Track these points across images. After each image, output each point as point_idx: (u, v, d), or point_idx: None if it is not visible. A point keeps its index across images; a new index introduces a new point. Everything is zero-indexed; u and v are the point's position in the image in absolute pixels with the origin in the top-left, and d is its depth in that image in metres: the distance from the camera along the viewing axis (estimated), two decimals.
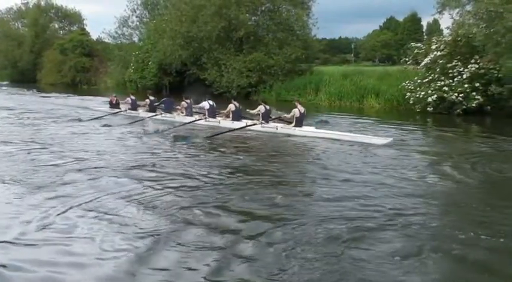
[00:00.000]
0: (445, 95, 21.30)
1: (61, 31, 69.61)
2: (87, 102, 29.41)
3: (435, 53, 22.49)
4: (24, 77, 65.71)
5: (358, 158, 11.65)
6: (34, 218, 6.97)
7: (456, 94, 20.97)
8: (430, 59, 22.71)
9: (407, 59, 25.85)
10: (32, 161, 10.99)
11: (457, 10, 21.90)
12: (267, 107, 16.59)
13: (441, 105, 21.76)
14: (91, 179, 9.25)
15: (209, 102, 18.27)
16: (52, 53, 61.02)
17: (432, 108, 21.90)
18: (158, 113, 20.11)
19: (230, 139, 14.93)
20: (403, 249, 5.89)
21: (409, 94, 23.37)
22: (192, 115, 18.59)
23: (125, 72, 43.80)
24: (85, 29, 67.26)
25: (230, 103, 17.69)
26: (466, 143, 14.44)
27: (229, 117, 17.43)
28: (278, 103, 26.83)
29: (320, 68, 39.01)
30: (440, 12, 22.85)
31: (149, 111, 20.73)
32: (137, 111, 21.43)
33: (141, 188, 8.57)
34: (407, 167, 10.56)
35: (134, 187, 8.65)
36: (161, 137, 15.09)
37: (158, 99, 22.30)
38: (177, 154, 12.30)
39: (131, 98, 22.11)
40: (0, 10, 75.69)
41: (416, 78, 23.61)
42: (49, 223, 6.80)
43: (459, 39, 21.96)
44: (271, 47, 33.39)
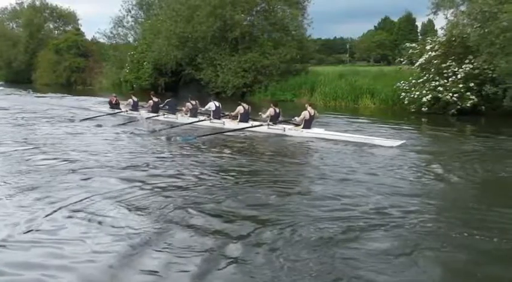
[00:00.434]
0: (440, 95, 21.34)
1: (56, 31, 69.25)
2: (82, 102, 29.30)
3: (430, 53, 22.51)
4: (18, 78, 65.49)
5: (367, 160, 11.47)
6: (22, 220, 6.88)
7: (451, 94, 21.02)
8: (425, 59, 22.72)
9: (402, 59, 25.96)
10: (23, 162, 10.91)
11: (451, 10, 21.97)
12: (277, 110, 16.14)
13: (436, 105, 21.80)
14: (82, 180, 9.17)
15: (215, 103, 17.84)
16: (47, 53, 60.83)
17: (427, 108, 21.91)
18: (161, 114, 19.71)
19: (233, 140, 14.80)
20: (396, 248, 5.88)
21: (404, 94, 23.38)
22: (197, 116, 18.27)
23: (120, 72, 43.75)
24: (80, 29, 66.97)
25: (239, 105, 17.21)
26: (461, 143, 14.42)
27: (236, 119, 17.01)
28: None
29: (315, 68, 39.06)
30: (434, 12, 22.91)
31: (151, 112, 20.22)
32: (138, 112, 20.98)
33: (133, 189, 8.49)
34: (413, 168, 10.59)
35: (125, 188, 8.57)
36: (157, 137, 15.02)
37: (162, 100, 21.48)
38: (172, 154, 12.22)
39: (133, 100, 21.74)
40: None
41: (411, 78, 23.64)
42: (37, 225, 6.71)
43: (453, 39, 22.00)
44: (266, 47, 33.38)
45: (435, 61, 22.17)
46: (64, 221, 6.88)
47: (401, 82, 23.96)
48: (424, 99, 21.80)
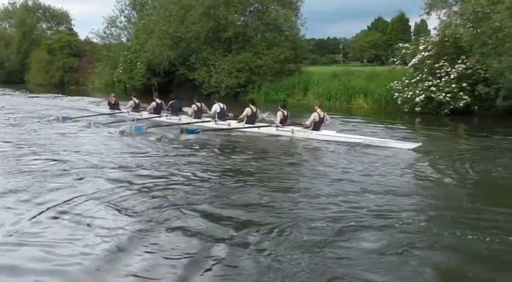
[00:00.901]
0: (433, 95, 21.39)
1: (49, 31, 69.20)
2: (77, 102, 29.24)
3: (423, 54, 22.56)
4: (11, 78, 65.31)
5: (377, 162, 11.11)
6: (7, 222, 6.79)
7: (444, 94, 21.07)
8: (418, 59, 22.77)
9: (395, 59, 26.06)
10: (11, 162, 10.80)
11: (444, 11, 21.98)
12: (285, 113, 15.66)
13: (429, 105, 21.84)
14: (70, 181, 9.06)
15: (219, 104, 17.43)
16: (40, 54, 60.71)
17: (420, 108, 21.96)
18: (163, 115, 19.24)
19: (237, 141, 14.65)
20: (389, 248, 5.87)
21: (397, 94, 23.41)
22: (201, 118, 17.76)
23: (113, 72, 43.68)
24: (73, 29, 67.05)
25: (247, 106, 16.58)
26: (454, 143, 14.44)
27: (243, 121, 16.44)
28: (266, 103, 26.88)
29: (309, 68, 39.03)
30: (427, 13, 22.97)
31: (154, 113, 19.77)
32: (140, 113, 20.45)
33: (122, 189, 8.42)
34: (408, 168, 10.61)
35: (113, 188, 8.48)
36: (150, 137, 14.85)
37: (165, 102, 20.62)
38: (173, 155, 12.05)
39: (134, 101, 21.16)
40: None
41: (404, 78, 23.65)
42: (23, 227, 6.61)
43: (446, 39, 22.06)
44: (259, 47, 33.39)
45: (428, 61, 22.23)
46: (50, 223, 6.78)
47: (394, 82, 23.99)
48: (417, 99, 21.84)
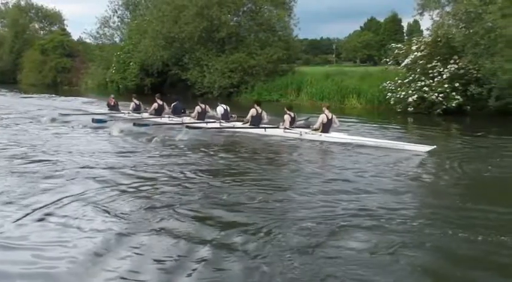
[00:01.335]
0: (425, 95, 21.49)
1: (41, 31, 68.97)
2: (71, 103, 29.15)
3: (415, 54, 22.66)
4: (4, 78, 64.83)
5: (391, 166, 10.82)
6: None
7: (436, 94, 21.17)
8: (411, 60, 22.88)
9: (388, 60, 26.16)
10: (1, 163, 10.67)
11: (437, 11, 22.13)
12: (292, 114, 15.28)
13: (421, 105, 21.93)
14: (57, 182, 8.97)
15: (223, 106, 17.30)
16: (32, 54, 60.47)
17: (413, 108, 22.06)
18: (165, 117, 18.76)
19: (242, 142, 14.40)
20: (380, 247, 5.89)
21: (390, 94, 23.50)
22: (204, 120, 17.28)
23: (106, 73, 43.52)
24: (66, 29, 66.85)
25: (252, 108, 16.17)
26: (447, 142, 14.50)
27: (248, 122, 16.08)
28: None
29: (302, 69, 39.06)
30: (420, 13, 23.06)
31: (155, 115, 19.30)
32: (140, 114, 20.02)
33: (110, 191, 8.35)
34: (402, 168, 10.60)
35: (99, 189, 8.41)
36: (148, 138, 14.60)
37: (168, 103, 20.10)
38: (172, 156, 11.89)
39: (135, 103, 20.81)
40: None
41: (397, 78, 23.75)
42: (6, 230, 6.53)
43: (439, 39, 22.17)
44: (253, 48, 33.42)
45: (421, 61, 22.33)
46: (36, 225, 6.71)
47: (387, 82, 24.09)
48: (410, 99, 21.93)
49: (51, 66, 57.88)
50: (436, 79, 21.48)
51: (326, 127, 14.28)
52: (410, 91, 22.12)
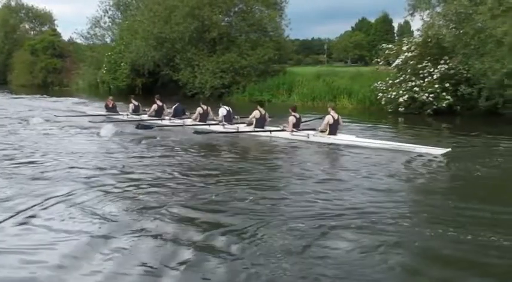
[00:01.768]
0: (416, 96, 21.58)
1: (32, 32, 68.55)
2: (63, 103, 28.99)
3: (406, 54, 22.78)
4: None
5: (405, 170, 10.66)
6: None
7: (427, 94, 21.27)
8: (401, 60, 22.98)
9: (379, 60, 26.22)
10: None
11: (427, 12, 22.16)
12: (297, 115, 14.96)
13: (412, 105, 22.02)
14: (42, 183, 8.96)
15: (225, 107, 16.82)
16: (23, 54, 60.12)
17: (403, 108, 22.15)
18: (166, 119, 18.38)
19: (247, 145, 14.26)
20: (371, 246, 5.96)
21: (381, 94, 23.59)
22: (206, 122, 17.14)
23: (97, 73, 43.34)
24: (56, 30, 66.43)
25: (255, 109, 15.86)
26: (437, 142, 14.52)
27: (252, 124, 15.80)
28: (251, 104, 26.87)
29: (293, 69, 39.13)
30: (411, 14, 23.15)
31: (155, 116, 19.00)
32: (140, 116, 19.70)
33: (98, 192, 8.36)
34: (387, 168, 10.65)
35: (89, 191, 8.45)
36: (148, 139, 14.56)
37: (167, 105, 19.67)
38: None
39: (134, 104, 20.58)
40: None
41: (387, 78, 23.82)
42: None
43: (429, 40, 22.26)
44: (244, 48, 33.37)
45: (411, 62, 22.44)
46: (17, 229, 6.70)
47: (378, 82, 24.18)
48: (401, 99, 22.02)
49: (41, 66, 57.55)
50: (427, 79, 21.58)
51: (333, 128, 14.02)
52: (401, 91, 22.20)
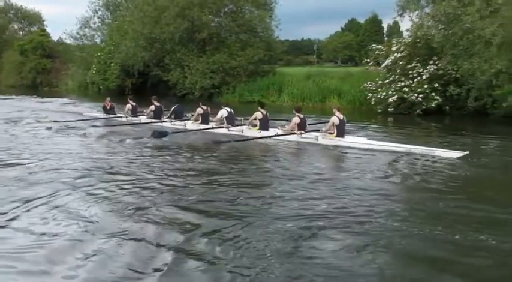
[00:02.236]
0: (406, 96, 21.67)
1: (21, 32, 68.43)
2: (51, 104, 28.75)
3: (395, 55, 22.87)
4: None
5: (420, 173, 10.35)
6: None
7: (416, 95, 21.36)
8: (391, 61, 23.07)
9: (368, 60, 26.30)
10: None
11: (417, 12, 22.25)
12: (302, 116, 14.52)
13: (402, 105, 22.12)
14: (24, 185, 8.87)
15: (226, 109, 16.32)
16: (11, 54, 59.90)
17: (393, 108, 22.24)
18: (167, 121, 17.96)
19: (252, 148, 13.69)
20: (360, 245, 6.00)
21: (371, 95, 23.68)
22: (208, 123, 16.63)
23: (87, 73, 43.22)
24: (45, 30, 66.17)
25: (256, 111, 15.45)
26: (426, 142, 14.55)
27: (256, 126, 15.37)
28: (241, 105, 26.93)
29: (283, 70, 39.13)
30: (400, 14, 23.22)
31: (154, 118, 18.55)
32: (138, 117, 19.31)
33: (81, 194, 8.30)
34: (377, 169, 10.68)
35: (71, 192, 8.39)
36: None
37: (165, 105, 19.46)
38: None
39: (131, 104, 19.96)
40: None
41: (377, 79, 23.94)
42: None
43: (418, 40, 22.37)
44: (234, 49, 33.39)
45: (401, 62, 22.54)
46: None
47: (368, 83, 24.27)
48: (390, 99, 22.11)
49: (30, 67, 57.30)
50: (416, 80, 21.68)
51: (340, 130, 13.64)
52: (390, 92, 22.29)
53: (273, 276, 5.22)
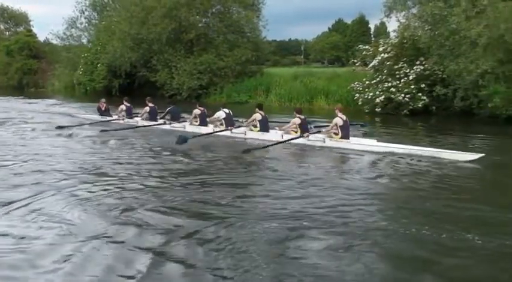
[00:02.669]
0: (393, 96, 21.73)
1: (7, 32, 67.87)
2: (38, 105, 28.58)
3: (382, 55, 22.93)
4: None
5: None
6: None
7: (403, 95, 21.42)
8: (378, 61, 23.14)
9: (355, 61, 26.38)
10: None
11: (403, 13, 22.37)
12: (302, 117, 14.32)
13: (389, 105, 22.18)
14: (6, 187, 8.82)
15: (225, 110, 15.97)
16: None
17: (380, 108, 22.31)
18: (162, 122, 17.68)
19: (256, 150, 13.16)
20: (347, 245, 6.01)
21: (358, 95, 23.74)
22: (207, 125, 16.40)
23: (73, 74, 42.95)
24: (32, 30, 65.62)
25: (255, 112, 15.24)
26: (414, 141, 14.54)
27: (256, 127, 15.14)
28: (229, 105, 26.81)
29: (270, 70, 39.22)
30: (387, 15, 23.31)
31: (149, 119, 18.25)
32: (134, 119, 18.82)
33: (66, 196, 8.24)
34: (369, 168, 10.64)
35: (54, 194, 8.34)
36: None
37: (159, 107, 19.09)
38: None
39: (126, 105, 19.45)
40: None
41: (364, 79, 24.00)
42: None
43: (405, 41, 22.44)
44: (221, 49, 33.30)
45: (388, 63, 22.59)
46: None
47: (355, 83, 24.34)
48: (378, 100, 22.17)
49: (17, 67, 56.76)
50: (403, 80, 21.74)
51: (345, 131, 13.43)
52: (377, 92, 22.34)
53: (260, 276, 5.20)
